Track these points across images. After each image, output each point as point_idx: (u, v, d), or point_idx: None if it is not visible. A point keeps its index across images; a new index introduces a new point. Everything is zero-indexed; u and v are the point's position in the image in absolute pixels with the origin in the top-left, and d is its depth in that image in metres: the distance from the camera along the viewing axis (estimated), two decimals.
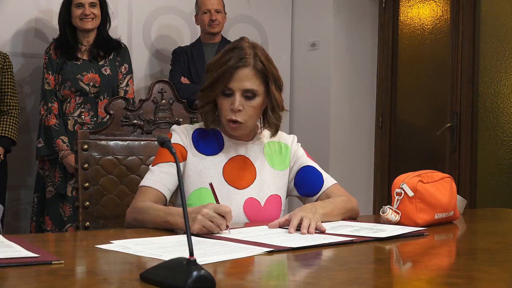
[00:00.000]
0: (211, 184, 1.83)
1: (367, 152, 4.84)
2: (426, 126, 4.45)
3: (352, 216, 2.09)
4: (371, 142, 4.85)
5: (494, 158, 4.02)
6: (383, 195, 4.76)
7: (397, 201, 1.95)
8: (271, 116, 2.02)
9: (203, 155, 2.04)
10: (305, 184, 2.13)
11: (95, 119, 3.68)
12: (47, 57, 3.73)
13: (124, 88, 3.82)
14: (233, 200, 2.01)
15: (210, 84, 1.97)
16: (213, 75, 1.96)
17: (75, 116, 3.67)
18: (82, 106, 3.69)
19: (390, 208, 1.95)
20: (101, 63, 3.77)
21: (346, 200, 2.08)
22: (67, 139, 3.63)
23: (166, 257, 1.33)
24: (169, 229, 1.76)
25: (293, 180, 2.15)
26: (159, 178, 1.97)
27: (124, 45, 3.91)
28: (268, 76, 1.97)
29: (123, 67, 3.84)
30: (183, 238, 1.62)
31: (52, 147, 3.64)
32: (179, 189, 1.25)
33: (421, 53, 4.51)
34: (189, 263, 1.11)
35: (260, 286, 1.22)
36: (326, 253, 1.54)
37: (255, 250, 1.46)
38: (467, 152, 4.14)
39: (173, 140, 2.01)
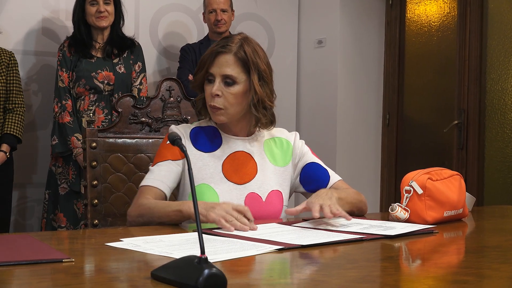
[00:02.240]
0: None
1: (374, 150, 4.83)
2: (433, 123, 4.44)
3: (362, 208, 2.11)
4: (378, 139, 4.84)
5: (501, 155, 4.01)
6: (390, 193, 4.75)
7: (406, 199, 1.95)
8: (252, 109, 2.01)
9: (202, 152, 2.04)
10: (312, 180, 2.14)
11: (109, 117, 3.69)
12: (61, 54, 3.72)
13: (138, 86, 3.83)
14: (234, 195, 2.02)
15: (196, 69, 2.02)
16: None
17: (89, 114, 3.67)
18: (97, 104, 3.70)
19: (399, 206, 1.95)
20: (115, 61, 3.77)
21: (356, 192, 2.12)
22: (81, 136, 3.63)
23: (176, 255, 1.33)
24: (177, 225, 1.78)
25: (299, 177, 2.15)
26: (158, 176, 1.98)
27: (138, 43, 3.91)
28: (250, 65, 1.97)
29: (137, 65, 3.84)
30: (192, 236, 1.62)
31: (67, 144, 3.64)
32: (190, 184, 1.25)
33: (428, 50, 4.50)
34: (201, 261, 1.11)
35: (270, 283, 1.22)
36: (336, 250, 1.54)
37: (265, 247, 1.47)
38: (474, 150, 4.13)
39: None
